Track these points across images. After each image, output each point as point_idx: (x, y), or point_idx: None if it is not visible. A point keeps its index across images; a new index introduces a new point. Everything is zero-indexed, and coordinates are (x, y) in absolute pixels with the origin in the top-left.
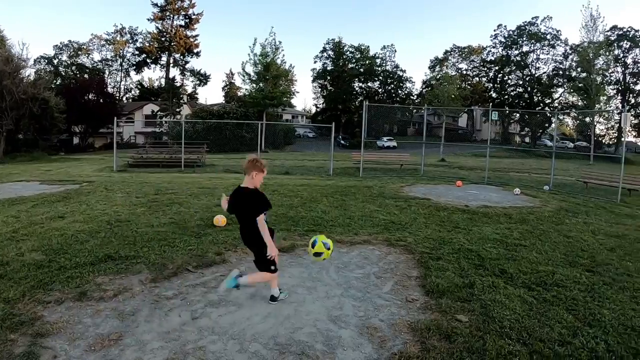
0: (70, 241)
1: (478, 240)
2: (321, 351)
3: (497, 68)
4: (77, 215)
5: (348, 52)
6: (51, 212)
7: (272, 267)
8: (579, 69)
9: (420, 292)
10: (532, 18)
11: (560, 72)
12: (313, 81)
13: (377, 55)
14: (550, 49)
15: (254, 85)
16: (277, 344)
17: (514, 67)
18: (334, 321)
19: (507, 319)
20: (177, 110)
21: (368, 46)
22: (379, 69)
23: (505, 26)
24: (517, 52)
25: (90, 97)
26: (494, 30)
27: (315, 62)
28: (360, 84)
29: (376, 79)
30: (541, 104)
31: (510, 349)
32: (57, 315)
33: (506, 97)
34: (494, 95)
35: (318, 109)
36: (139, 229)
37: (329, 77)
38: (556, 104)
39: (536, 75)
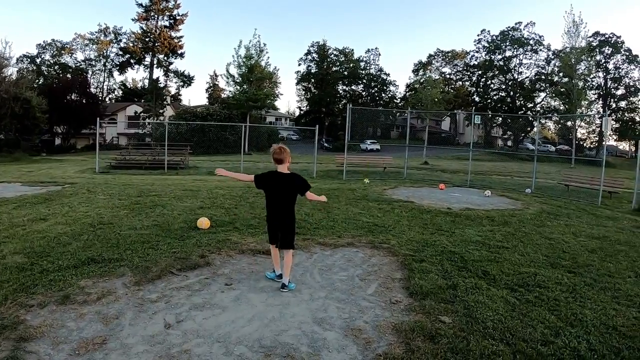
0: (53, 244)
1: (461, 243)
2: (306, 353)
3: (480, 72)
4: (59, 217)
5: (332, 55)
6: (33, 214)
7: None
8: (561, 74)
9: (404, 294)
10: (516, 23)
11: (543, 77)
12: (297, 84)
13: (361, 58)
14: (533, 54)
15: (238, 87)
16: (263, 346)
17: (496, 72)
18: (318, 323)
19: (490, 319)
20: (161, 111)
21: (352, 49)
22: (363, 72)
23: (488, 31)
24: (500, 56)
25: (72, 97)
26: (478, 35)
27: (299, 64)
28: (344, 87)
29: (360, 82)
30: (523, 108)
31: (493, 349)
32: (41, 319)
33: (489, 101)
34: (477, 99)
35: (302, 112)
36: (122, 231)
37: (313, 80)
38: (538, 108)
39: (519, 80)
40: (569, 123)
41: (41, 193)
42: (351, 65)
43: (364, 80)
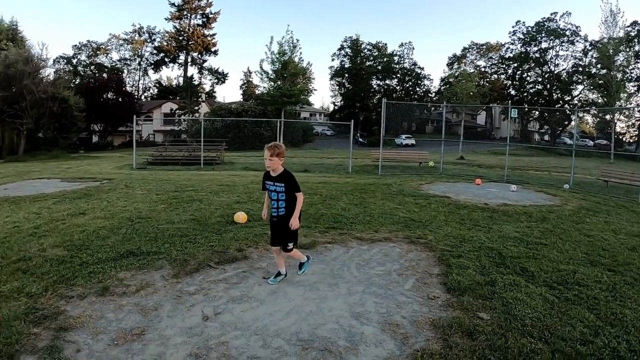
0: (92, 237)
1: (498, 239)
2: (344, 347)
3: (515, 65)
4: (98, 211)
5: (366, 50)
6: (72, 209)
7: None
8: (598, 66)
9: (442, 290)
10: (551, 14)
11: (580, 69)
12: (331, 79)
13: (395, 52)
14: (570, 46)
15: (272, 83)
16: (300, 339)
17: (532, 64)
18: (356, 317)
19: (528, 317)
20: (196, 108)
21: (386, 44)
22: (397, 66)
23: (523, 22)
24: (535, 48)
25: (109, 95)
26: (513, 27)
27: (333, 59)
28: (378, 82)
29: (394, 76)
30: (560, 102)
31: (532, 347)
32: (80, 310)
33: (525, 94)
34: (512, 92)
35: (336, 107)
36: (160, 225)
37: (346, 75)
38: (576, 102)
39: (555, 72)
40: (607, 116)
41: (80, 188)
42: (385, 59)
43: (398, 75)
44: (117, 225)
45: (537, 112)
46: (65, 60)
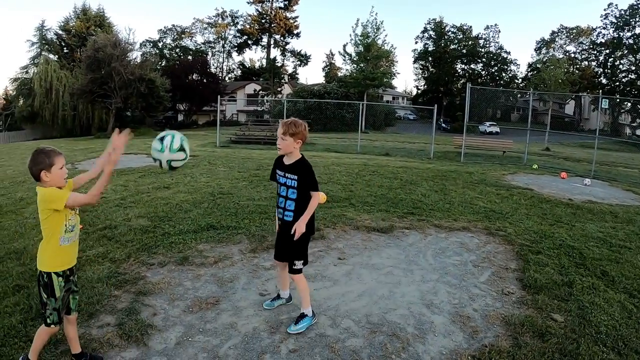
0: (175, 210)
1: (581, 237)
2: (412, 334)
3: (607, 51)
4: (181, 186)
5: (450, 33)
6: (157, 183)
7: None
8: None
9: (517, 286)
10: None
11: None
12: (414, 62)
13: (480, 35)
14: None
15: (355, 65)
16: (369, 322)
17: (626, 51)
18: (427, 306)
19: (604, 324)
20: (278, 89)
21: (470, 26)
22: (482, 50)
23: (616, 5)
24: (629, 34)
25: (194, 77)
26: (604, 10)
27: (416, 42)
28: (463, 66)
29: (479, 60)
30: None
31: (604, 356)
32: (159, 277)
33: (617, 83)
34: (603, 81)
35: (419, 91)
36: (240, 201)
37: (430, 58)
38: None
39: None
40: None
41: None
42: (469, 42)
43: (483, 59)
44: (199, 200)
45: (629, 104)
46: (151, 44)
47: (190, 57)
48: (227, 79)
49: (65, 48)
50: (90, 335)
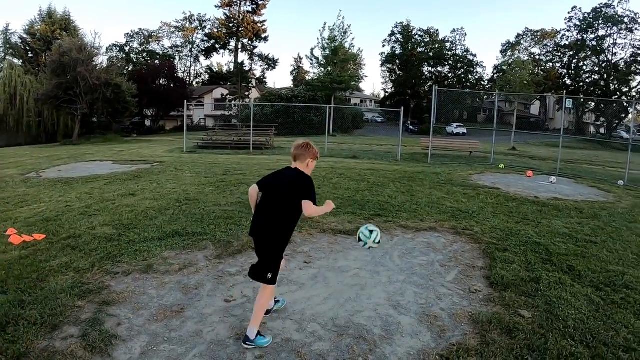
0: (140, 217)
1: (547, 234)
2: (379, 336)
3: (571, 53)
4: (147, 193)
5: (417, 36)
6: (123, 190)
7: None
8: None
9: (484, 284)
10: (608, 0)
11: (639, 59)
12: (381, 65)
13: (446, 39)
14: (628, 34)
15: (323, 69)
16: (336, 325)
17: (589, 53)
18: (394, 307)
19: (571, 318)
20: (246, 94)
21: (437, 30)
22: (449, 53)
23: (580, 8)
24: (592, 36)
25: (161, 82)
26: (569, 13)
27: (383, 45)
28: (430, 69)
29: (446, 63)
30: (618, 93)
31: (572, 350)
32: (124, 286)
33: (581, 84)
34: (568, 82)
35: (386, 94)
36: (206, 207)
37: (397, 61)
38: (634, 93)
39: (613, 62)
40: None
41: (131, 171)
42: (436, 46)
43: (450, 62)
44: (165, 206)
45: (592, 104)
46: (118, 48)
47: (157, 62)
48: (194, 83)
49: (30, 52)
50: (54, 347)
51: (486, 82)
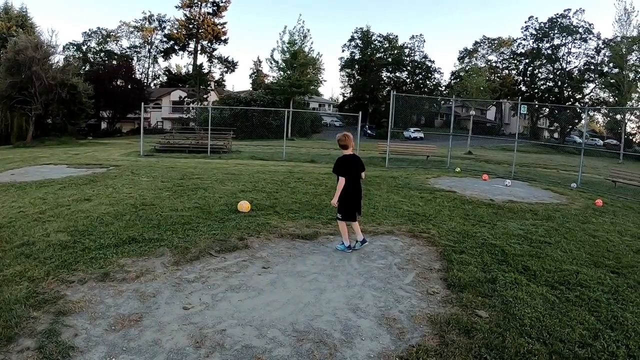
0: (96, 223)
1: (502, 235)
2: (339, 340)
3: (527, 61)
4: (103, 198)
5: (376, 42)
6: (78, 195)
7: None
8: (611, 65)
9: (442, 285)
10: (564, 10)
11: (592, 67)
12: (341, 70)
13: (405, 45)
14: (582, 43)
15: (282, 73)
16: (296, 330)
17: (544, 61)
18: (353, 310)
19: (528, 316)
20: (205, 96)
21: (397, 36)
22: (408, 59)
23: (536, 18)
24: (548, 45)
25: (118, 83)
26: (525, 22)
27: (343, 50)
28: (388, 74)
29: (404, 69)
30: (571, 99)
31: (529, 347)
32: (80, 295)
33: (536, 91)
34: (523, 88)
35: (345, 98)
36: (163, 212)
37: (356, 67)
38: (586, 100)
39: (567, 70)
40: (618, 116)
41: (86, 175)
42: (395, 51)
43: (408, 67)
44: (121, 212)
45: (547, 109)
46: (75, 47)
47: (115, 62)
48: (152, 85)
49: None
50: None
51: (444, 87)
